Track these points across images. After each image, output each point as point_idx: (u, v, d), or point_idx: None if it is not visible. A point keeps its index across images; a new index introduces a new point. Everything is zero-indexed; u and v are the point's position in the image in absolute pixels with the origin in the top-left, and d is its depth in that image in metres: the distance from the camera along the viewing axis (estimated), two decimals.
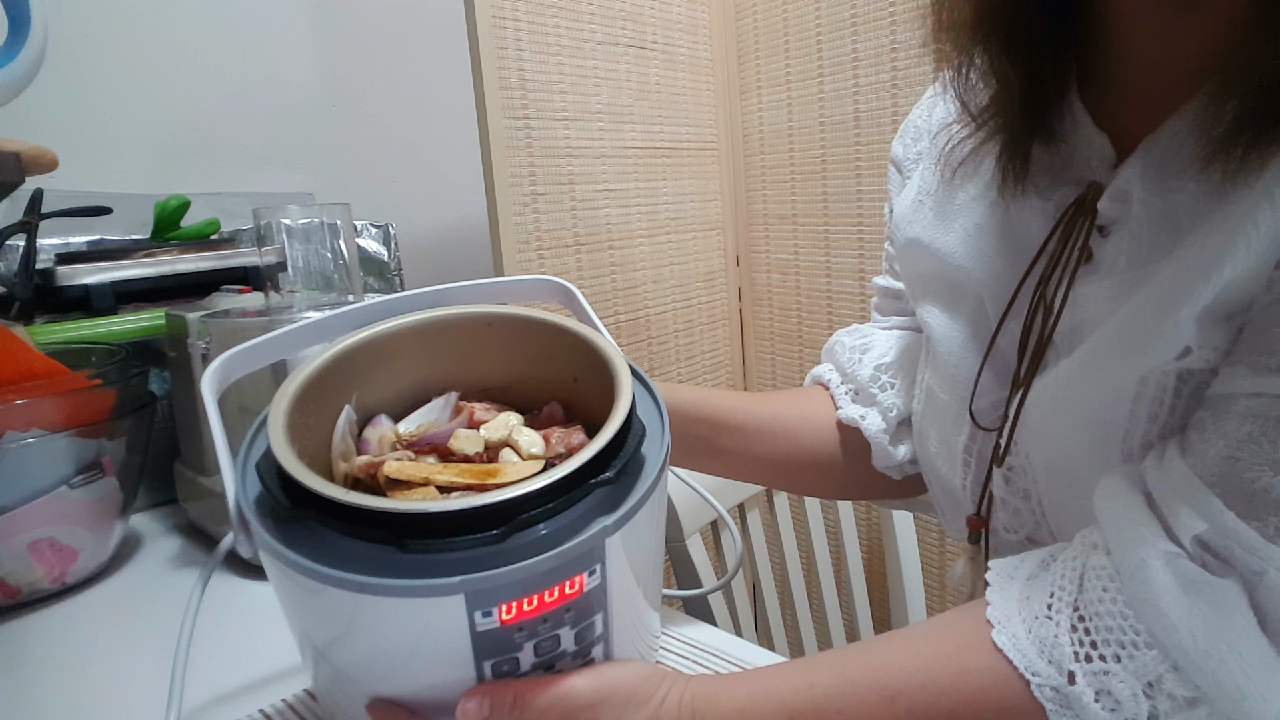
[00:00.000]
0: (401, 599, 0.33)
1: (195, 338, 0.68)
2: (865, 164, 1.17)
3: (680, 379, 1.31)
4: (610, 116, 1.15)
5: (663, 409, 0.42)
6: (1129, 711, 0.32)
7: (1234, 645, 0.30)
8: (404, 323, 0.45)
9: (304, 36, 1.16)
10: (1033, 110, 0.44)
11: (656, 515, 0.40)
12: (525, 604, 0.34)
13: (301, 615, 0.38)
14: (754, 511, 0.91)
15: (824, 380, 0.64)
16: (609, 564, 0.36)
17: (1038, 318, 0.45)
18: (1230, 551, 0.31)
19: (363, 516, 0.33)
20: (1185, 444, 0.35)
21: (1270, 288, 0.33)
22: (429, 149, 1.30)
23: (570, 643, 0.36)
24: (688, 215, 1.30)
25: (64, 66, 0.92)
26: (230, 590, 0.63)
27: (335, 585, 0.33)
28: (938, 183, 0.53)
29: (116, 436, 0.66)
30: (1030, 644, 0.34)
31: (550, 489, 0.34)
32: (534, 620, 0.35)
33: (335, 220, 0.69)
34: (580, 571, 0.35)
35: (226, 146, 1.10)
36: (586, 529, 0.34)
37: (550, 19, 1.05)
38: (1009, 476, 0.48)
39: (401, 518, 0.33)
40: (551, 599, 0.34)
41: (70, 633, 0.59)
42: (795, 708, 0.37)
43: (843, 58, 1.17)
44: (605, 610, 0.37)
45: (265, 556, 0.36)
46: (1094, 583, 0.34)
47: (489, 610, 0.33)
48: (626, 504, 0.35)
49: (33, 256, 0.79)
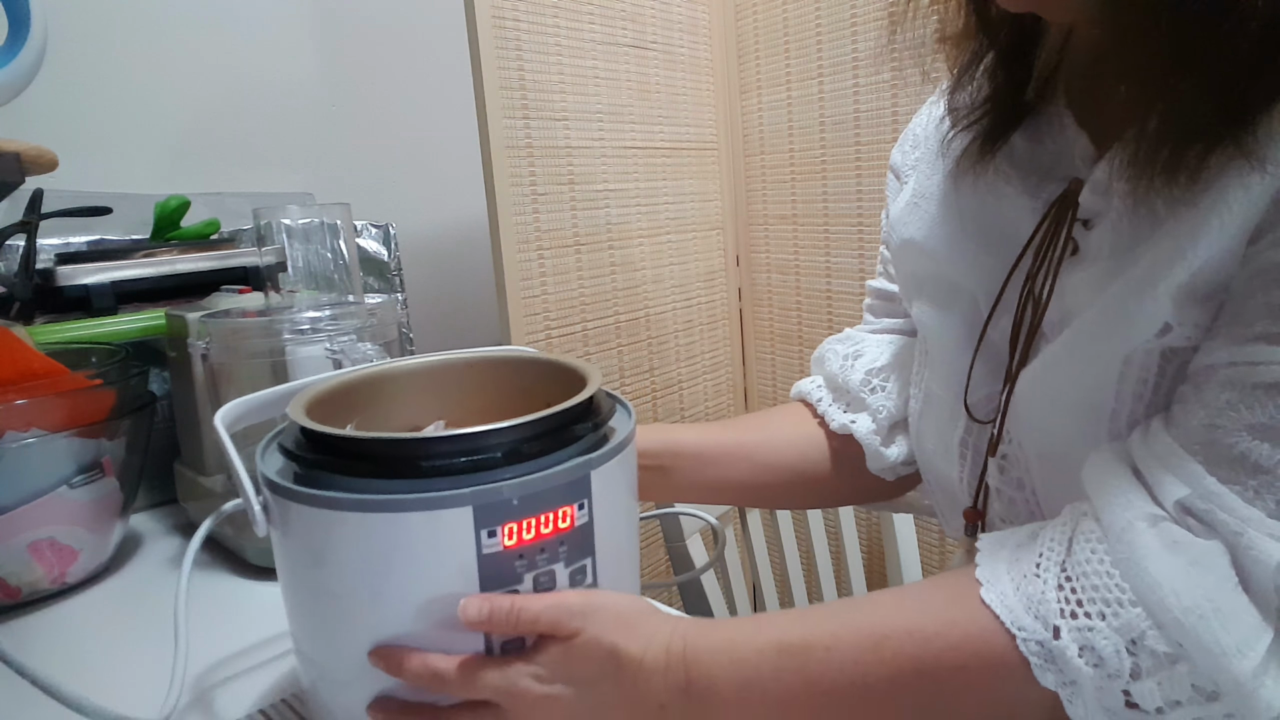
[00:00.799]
0: (416, 513, 0.37)
1: (195, 338, 0.68)
2: (865, 164, 1.17)
3: (680, 379, 1.31)
4: (610, 116, 1.15)
5: (630, 407, 0.48)
6: (1111, 667, 0.32)
7: (1214, 603, 0.31)
8: (397, 365, 0.52)
9: (304, 36, 1.16)
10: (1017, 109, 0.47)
11: (629, 479, 0.45)
12: (525, 528, 0.38)
13: (313, 568, 0.40)
14: (754, 512, 0.91)
15: (808, 398, 0.65)
16: (595, 502, 0.40)
17: (1027, 310, 0.46)
18: (1212, 514, 0.31)
19: (381, 449, 0.38)
20: (1169, 417, 0.36)
21: (1245, 264, 0.34)
22: (429, 149, 1.30)
23: (565, 582, 0.40)
24: (688, 215, 1.30)
25: (64, 66, 0.92)
26: (230, 590, 0.63)
27: (353, 509, 0.37)
28: (933, 185, 0.54)
29: (116, 436, 0.66)
30: (1017, 600, 0.35)
31: (540, 422, 0.40)
32: (533, 549, 0.39)
33: (335, 220, 0.69)
34: (571, 501, 0.39)
35: (226, 146, 1.10)
36: (574, 460, 0.40)
37: (550, 19, 1.05)
38: (1003, 466, 0.49)
39: (415, 443, 0.39)
40: (547, 528, 0.39)
41: (70, 633, 0.59)
42: (783, 642, 0.39)
43: (843, 58, 1.17)
44: (593, 556, 0.41)
45: (281, 517, 0.40)
46: (1082, 545, 0.35)
47: (494, 530, 0.37)
48: (605, 448, 0.41)
49: (33, 256, 0.79)
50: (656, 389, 1.28)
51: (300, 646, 0.44)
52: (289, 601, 0.43)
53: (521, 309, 1.03)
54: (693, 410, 1.34)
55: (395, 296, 1.10)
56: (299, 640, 0.44)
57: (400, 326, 1.03)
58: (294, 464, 0.41)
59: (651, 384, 1.27)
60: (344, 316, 0.63)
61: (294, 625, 0.43)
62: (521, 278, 1.04)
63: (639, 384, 1.25)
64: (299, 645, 0.44)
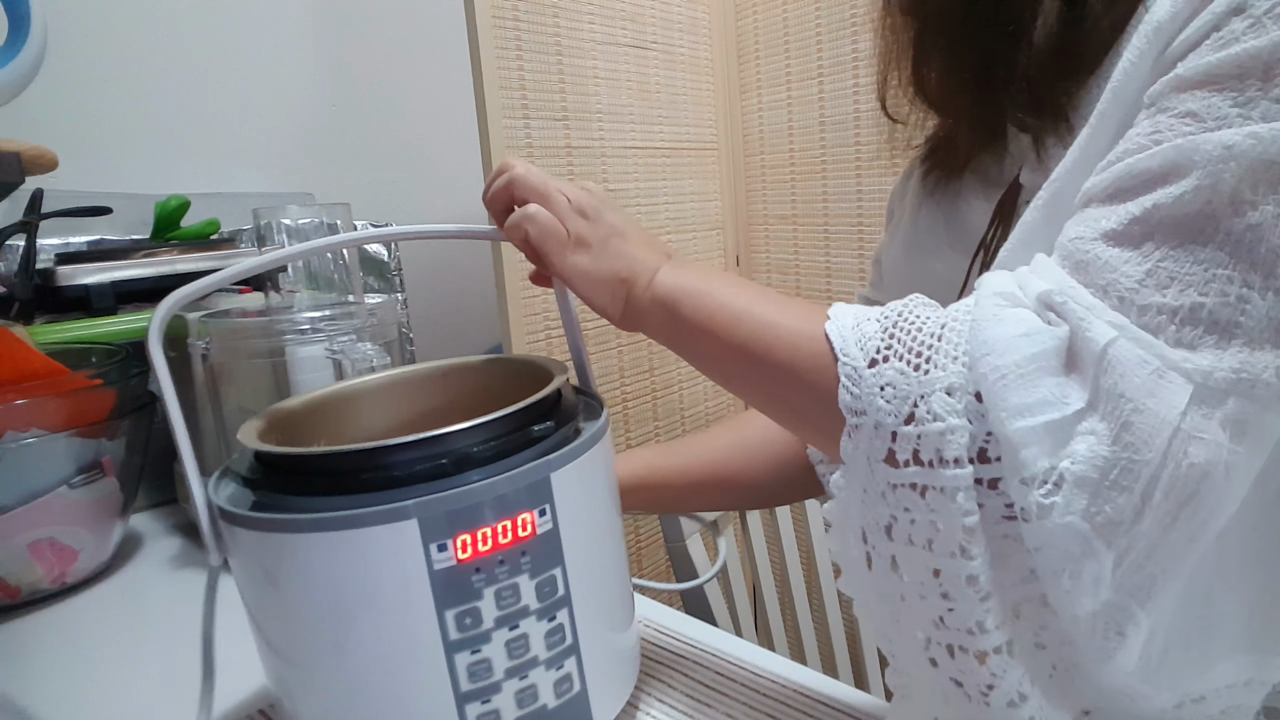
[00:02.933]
0: (359, 530, 0.34)
1: (195, 338, 0.68)
2: (865, 164, 1.17)
3: (680, 379, 1.31)
4: (610, 116, 1.15)
5: (601, 403, 0.47)
6: (901, 406, 0.34)
7: (1023, 370, 0.32)
8: (370, 380, 0.51)
9: (304, 36, 1.16)
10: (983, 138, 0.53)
11: (601, 480, 0.43)
12: (479, 540, 0.36)
13: (265, 591, 0.38)
14: (754, 512, 0.91)
15: None
16: (559, 507, 0.38)
17: None
18: (1065, 305, 0.33)
19: (322, 464, 0.36)
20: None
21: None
22: (429, 149, 1.30)
23: (532, 596, 0.38)
24: (688, 215, 1.30)
25: (64, 66, 0.92)
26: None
27: (293, 530, 0.35)
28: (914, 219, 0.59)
29: (116, 436, 0.66)
30: (851, 333, 0.37)
31: (491, 425, 0.38)
32: (490, 561, 0.36)
33: (335, 220, 0.69)
34: (529, 508, 0.37)
35: (226, 146, 1.10)
36: (530, 463, 0.37)
37: (550, 19, 1.05)
38: None
39: (356, 455, 0.36)
40: (505, 539, 0.36)
41: (70, 633, 0.59)
42: (710, 275, 0.45)
43: (843, 58, 1.17)
44: (563, 566, 0.39)
45: (235, 545, 0.38)
46: (933, 312, 0.37)
47: (444, 543, 0.35)
48: (568, 448, 0.39)
49: (33, 256, 0.79)
50: (656, 389, 1.28)
51: (264, 660, 0.42)
52: (250, 619, 0.41)
53: (521, 309, 1.03)
54: (692, 410, 1.34)
55: (395, 296, 1.10)
56: (263, 654, 0.42)
57: (400, 327, 1.03)
58: (245, 488, 0.39)
59: (651, 384, 1.27)
60: (344, 317, 0.63)
61: (256, 641, 0.41)
62: (521, 278, 1.04)
63: (639, 384, 1.25)
64: (263, 658, 0.42)
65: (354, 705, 0.37)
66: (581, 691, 0.41)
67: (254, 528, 0.36)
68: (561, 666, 0.40)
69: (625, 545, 0.49)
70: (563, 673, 0.40)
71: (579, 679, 0.40)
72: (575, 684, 0.40)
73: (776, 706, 0.46)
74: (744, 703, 0.47)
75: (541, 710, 0.39)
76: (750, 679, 0.49)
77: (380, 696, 0.37)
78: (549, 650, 0.39)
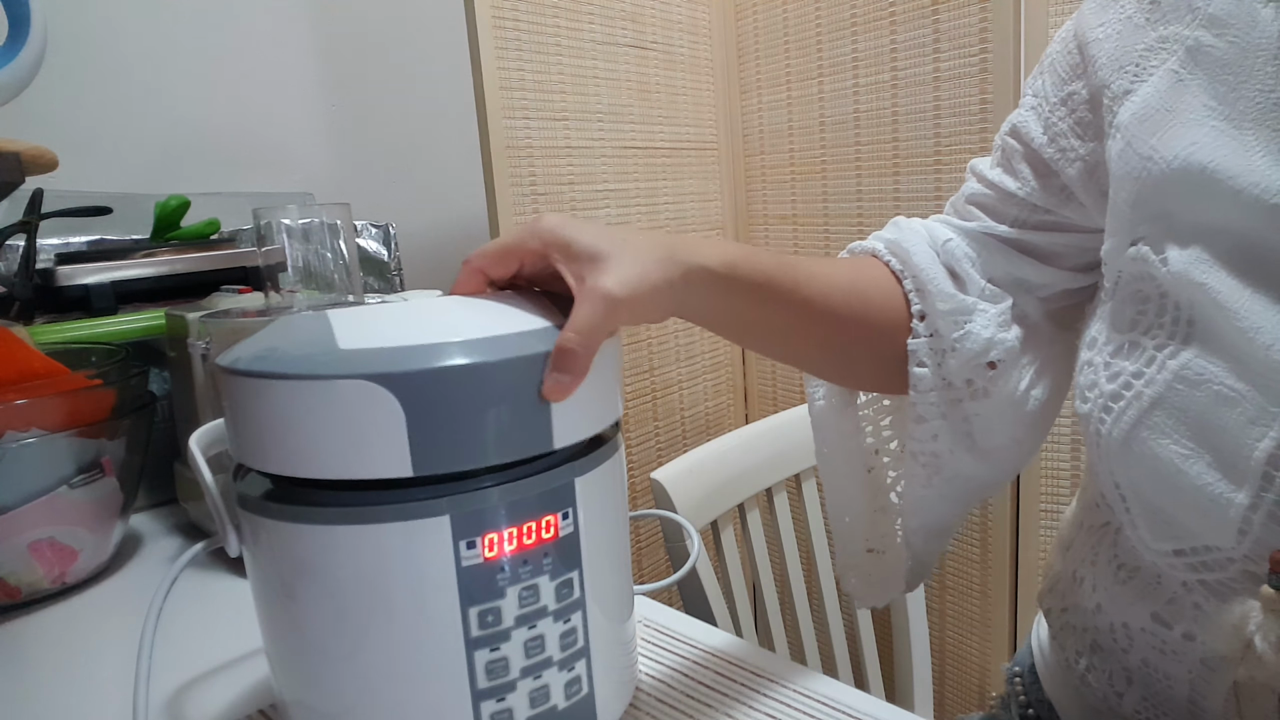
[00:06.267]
0: (391, 524, 0.35)
1: (195, 338, 0.67)
2: (865, 164, 1.17)
3: (680, 379, 1.31)
4: (610, 116, 1.15)
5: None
6: None
7: None
8: None
9: (304, 37, 1.16)
10: None
11: (617, 486, 0.43)
12: (506, 539, 0.36)
13: (288, 585, 0.38)
14: (754, 512, 0.91)
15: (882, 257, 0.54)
16: (580, 511, 0.39)
17: None
18: None
19: None
20: None
21: None
22: (429, 149, 1.30)
23: (551, 597, 0.38)
24: (688, 215, 1.30)
25: (64, 66, 0.92)
26: (231, 589, 0.63)
27: (323, 522, 0.35)
28: (1243, 95, 0.36)
29: (116, 436, 0.66)
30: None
31: None
32: (515, 560, 0.37)
33: (335, 220, 0.69)
34: (554, 510, 0.38)
35: (226, 146, 1.10)
36: (557, 467, 0.38)
37: (550, 19, 1.05)
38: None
39: None
40: (529, 539, 0.37)
41: (70, 633, 0.59)
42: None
43: (843, 58, 1.17)
44: (580, 569, 0.39)
45: (256, 535, 0.38)
46: None
47: (473, 540, 0.36)
48: (591, 454, 0.40)
49: (33, 256, 0.79)
50: (656, 389, 1.28)
51: (274, 654, 0.41)
52: (263, 612, 0.41)
53: None
54: (692, 410, 1.34)
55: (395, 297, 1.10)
56: (274, 648, 0.41)
57: None
58: (269, 480, 0.39)
59: (651, 384, 1.27)
60: None
61: (266, 635, 0.41)
62: None
63: (639, 384, 1.25)
64: (273, 652, 0.42)
65: (370, 701, 0.37)
66: (589, 694, 0.41)
67: (282, 518, 0.36)
68: (573, 668, 0.40)
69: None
70: (574, 674, 0.40)
71: (588, 682, 0.41)
72: (584, 686, 0.41)
73: (776, 706, 0.46)
74: (744, 703, 0.47)
75: (552, 711, 0.39)
76: (750, 679, 0.49)
77: (398, 691, 0.37)
78: (562, 651, 0.39)
